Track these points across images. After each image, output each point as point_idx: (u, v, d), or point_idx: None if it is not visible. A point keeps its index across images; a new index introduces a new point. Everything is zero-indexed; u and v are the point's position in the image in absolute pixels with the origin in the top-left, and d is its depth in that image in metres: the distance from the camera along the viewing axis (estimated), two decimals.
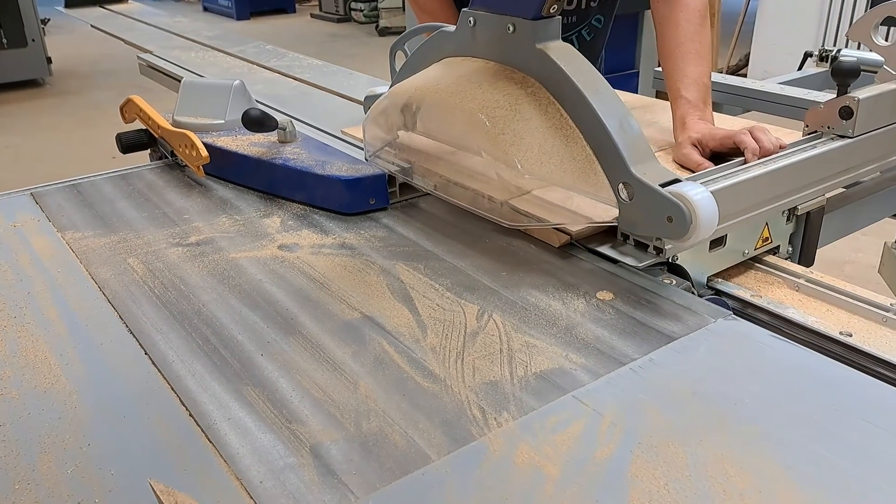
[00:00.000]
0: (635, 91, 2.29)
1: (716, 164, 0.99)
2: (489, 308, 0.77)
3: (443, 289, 0.81)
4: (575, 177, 0.83)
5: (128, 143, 1.23)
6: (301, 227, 0.97)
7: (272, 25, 8.42)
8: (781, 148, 0.97)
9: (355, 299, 0.79)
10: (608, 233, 0.88)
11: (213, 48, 2.09)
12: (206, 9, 9.18)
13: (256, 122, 1.04)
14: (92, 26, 2.64)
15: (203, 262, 0.89)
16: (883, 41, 1.12)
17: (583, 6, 1.33)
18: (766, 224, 0.95)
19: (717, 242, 0.89)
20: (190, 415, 0.63)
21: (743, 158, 0.97)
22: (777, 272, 0.93)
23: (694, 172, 0.98)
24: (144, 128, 1.24)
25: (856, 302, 0.84)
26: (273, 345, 0.72)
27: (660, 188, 0.77)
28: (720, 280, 0.91)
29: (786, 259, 0.99)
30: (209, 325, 0.76)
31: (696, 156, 1.05)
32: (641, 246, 0.84)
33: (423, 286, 0.82)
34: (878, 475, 0.54)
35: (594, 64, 1.43)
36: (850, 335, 0.78)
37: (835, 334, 0.78)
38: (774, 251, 0.98)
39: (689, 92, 1.11)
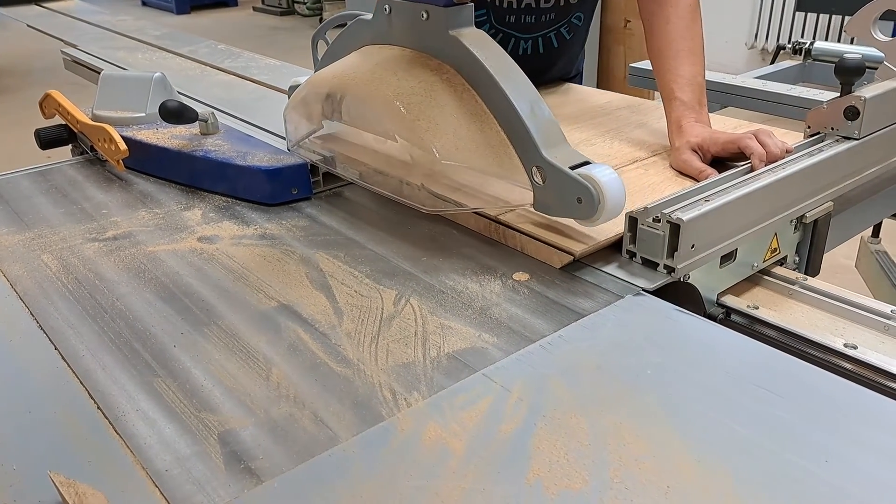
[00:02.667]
0: None
1: (717, 170, 0.95)
2: (407, 293, 0.78)
3: (362, 276, 0.82)
4: (491, 161, 0.84)
5: (47, 139, 1.20)
6: (222, 219, 0.96)
7: (213, 19, 8.26)
8: (787, 152, 0.93)
9: (273, 289, 0.79)
10: (614, 251, 0.83)
11: (161, 49, 1.95)
12: (144, 3, 8.96)
13: (174, 113, 1.02)
14: (28, 26, 2.49)
15: (120, 256, 0.87)
16: (883, 36, 1.08)
17: (562, 3, 1.29)
18: (775, 234, 0.91)
19: (727, 257, 0.85)
20: (98, 407, 0.62)
21: (748, 164, 0.92)
22: (789, 285, 0.89)
23: (696, 180, 0.95)
24: (64, 123, 1.21)
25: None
26: (187, 336, 0.72)
27: (569, 171, 0.79)
28: (730, 296, 0.87)
29: (793, 269, 0.95)
30: (123, 318, 0.75)
31: (696, 162, 0.98)
32: (650, 264, 0.80)
33: (342, 274, 0.82)
34: (767, 436, 0.56)
35: (573, 62, 1.46)
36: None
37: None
38: (782, 262, 0.94)
39: (683, 93, 1.05)
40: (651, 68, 1.65)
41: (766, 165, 0.90)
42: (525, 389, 0.62)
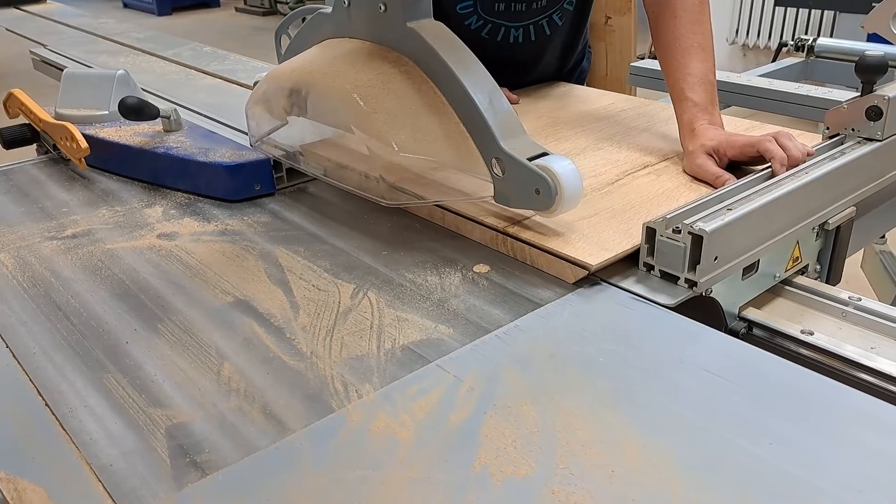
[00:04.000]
0: None
1: (733, 175, 0.91)
2: (365, 286, 0.78)
3: (321, 270, 0.81)
4: (450, 153, 0.84)
5: (10, 139, 1.19)
6: (183, 216, 0.96)
7: (195, 20, 8.22)
8: (809, 155, 0.89)
9: (230, 284, 0.79)
10: (631, 265, 0.78)
11: (144, 52, 1.89)
12: (126, 5, 8.90)
13: (134, 110, 1.02)
14: (7, 30, 2.42)
15: (77, 254, 0.86)
16: None
17: None
18: (797, 242, 0.87)
19: (749, 268, 0.80)
20: (46, 404, 0.61)
21: (767, 169, 0.87)
22: (814, 296, 0.84)
23: (713, 186, 0.90)
24: (28, 122, 1.20)
25: None
26: (140, 332, 0.71)
27: (527, 162, 0.79)
28: (751, 309, 0.81)
29: (815, 279, 0.91)
30: (77, 315, 0.74)
31: (712, 166, 0.93)
32: (669, 278, 0.75)
33: (301, 268, 0.82)
34: (713, 420, 0.57)
35: (568, 53, 1.39)
36: None
37: None
38: (803, 271, 0.90)
39: (694, 92, 0.99)
40: (652, 67, 1.64)
41: (787, 170, 0.86)
42: (477, 379, 0.62)
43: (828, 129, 0.97)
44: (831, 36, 3.43)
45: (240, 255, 0.85)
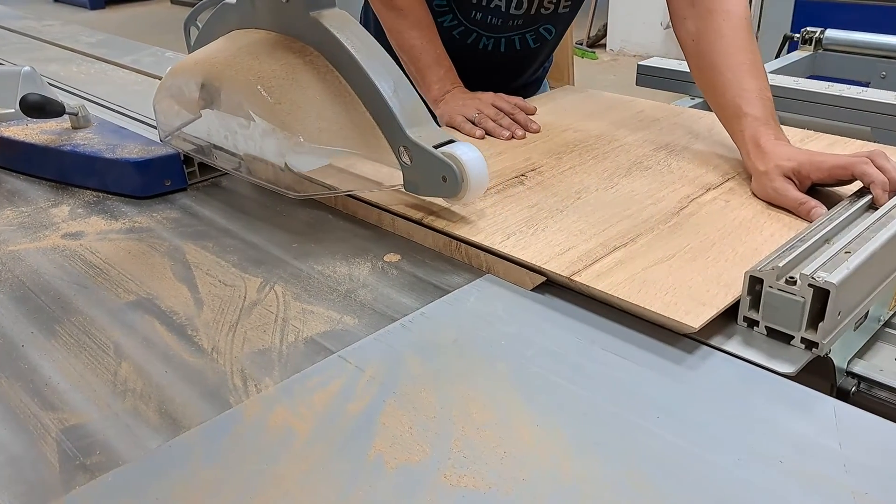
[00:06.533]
0: None
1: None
2: (273, 279, 0.77)
3: (229, 265, 0.80)
4: (357, 143, 0.83)
5: None
6: (90, 215, 0.93)
7: (130, 14, 7.99)
8: None
9: (134, 282, 0.77)
10: (729, 319, 0.66)
11: (98, 59, 1.69)
12: (56, 0, 8.60)
13: (36, 107, 0.98)
14: None
15: None
16: None
17: (532, 11, 1.21)
18: None
19: (862, 316, 0.68)
20: None
21: (861, 195, 0.77)
22: None
23: (797, 215, 0.79)
24: None
25: None
26: (37, 335, 0.69)
27: (433, 149, 0.79)
28: (858, 361, 0.68)
29: None
30: None
31: (793, 191, 0.81)
32: (778, 335, 0.63)
33: (208, 264, 0.81)
34: (605, 397, 0.58)
35: (534, 68, 1.37)
36: None
37: None
38: None
39: (753, 107, 0.89)
40: (661, 66, 1.55)
41: (890, 195, 0.76)
42: (379, 368, 0.62)
43: None
44: (760, 15, 3.47)
45: (146, 252, 0.83)
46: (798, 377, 0.60)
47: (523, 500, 0.49)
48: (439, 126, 1.09)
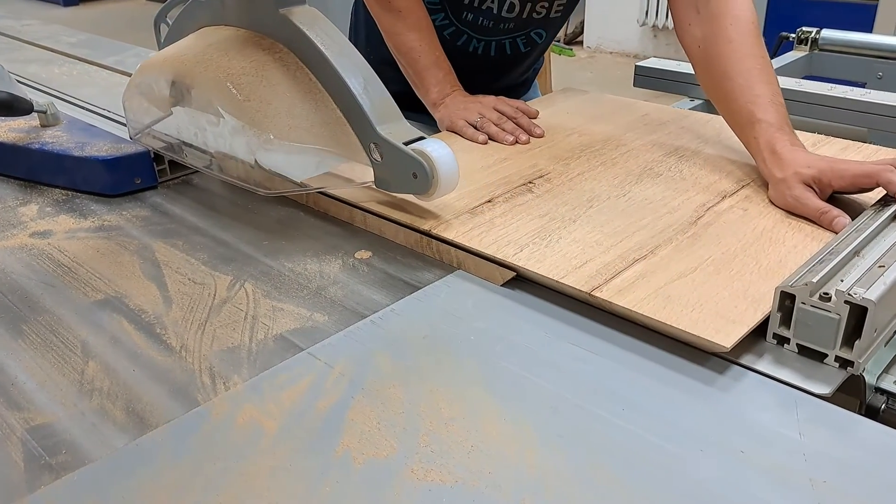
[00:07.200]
0: None
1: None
2: (243, 277, 0.77)
3: (198, 263, 0.80)
4: (327, 140, 0.83)
5: None
6: (59, 213, 0.92)
7: (104, 11, 7.89)
8: None
9: (102, 281, 0.77)
10: (758, 336, 0.63)
11: (80, 59, 1.63)
12: None
13: (3, 105, 0.97)
14: None
15: None
16: None
17: (524, 15, 1.19)
18: None
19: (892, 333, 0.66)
20: None
21: (882, 203, 0.75)
22: None
23: (819, 224, 0.77)
24: None
25: None
26: (3, 334, 0.68)
27: (403, 146, 0.79)
28: (885, 376, 0.64)
29: None
30: None
31: (814, 200, 0.79)
32: (810, 353, 0.61)
33: (178, 261, 0.80)
34: (572, 391, 0.58)
35: (522, 69, 1.35)
36: None
37: None
38: None
39: (767, 113, 0.87)
40: (658, 67, 1.54)
41: None
42: (348, 365, 0.62)
43: None
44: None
45: (115, 250, 0.83)
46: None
47: (489, 494, 0.49)
48: (440, 130, 1.10)
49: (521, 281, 0.73)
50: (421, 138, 0.81)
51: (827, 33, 1.73)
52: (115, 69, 1.54)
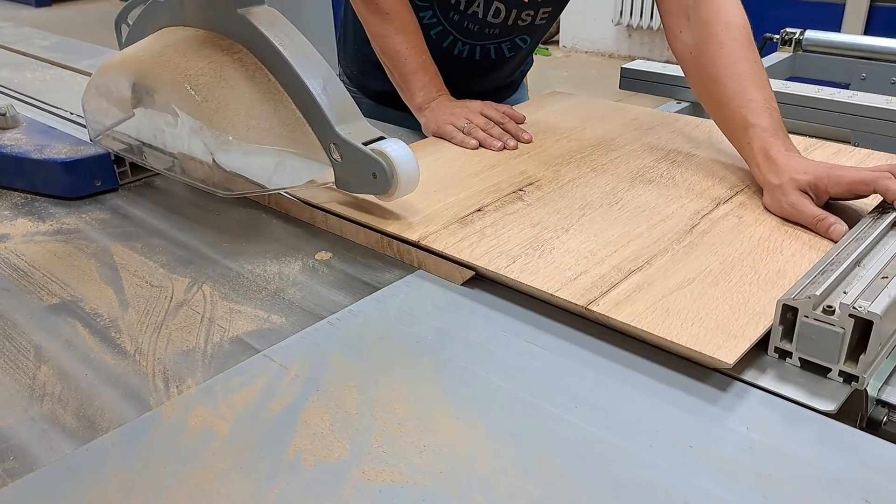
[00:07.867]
0: None
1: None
2: (201, 279, 0.76)
3: (157, 265, 0.79)
4: (287, 140, 0.83)
5: None
6: (17, 216, 0.91)
7: (77, 11, 7.79)
8: None
9: (58, 285, 0.76)
10: (760, 350, 0.61)
11: (54, 63, 1.59)
12: None
13: None
14: None
15: None
16: None
17: (509, 22, 1.18)
18: None
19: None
20: None
21: (880, 210, 0.74)
22: None
23: (816, 231, 0.76)
24: None
25: None
26: None
27: (362, 146, 0.79)
28: (886, 387, 0.61)
29: None
30: None
31: (810, 206, 0.77)
32: (813, 367, 0.59)
33: (136, 264, 0.79)
34: (525, 389, 0.59)
35: (508, 72, 1.34)
36: None
37: None
38: None
39: (760, 118, 0.85)
40: (644, 69, 1.54)
41: None
42: (303, 366, 0.62)
43: None
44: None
45: (72, 254, 0.82)
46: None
47: (440, 493, 0.49)
48: (426, 136, 1.09)
49: (481, 280, 0.74)
50: (381, 138, 0.81)
51: (811, 34, 1.72)
52: (90, 73, 1.45)
